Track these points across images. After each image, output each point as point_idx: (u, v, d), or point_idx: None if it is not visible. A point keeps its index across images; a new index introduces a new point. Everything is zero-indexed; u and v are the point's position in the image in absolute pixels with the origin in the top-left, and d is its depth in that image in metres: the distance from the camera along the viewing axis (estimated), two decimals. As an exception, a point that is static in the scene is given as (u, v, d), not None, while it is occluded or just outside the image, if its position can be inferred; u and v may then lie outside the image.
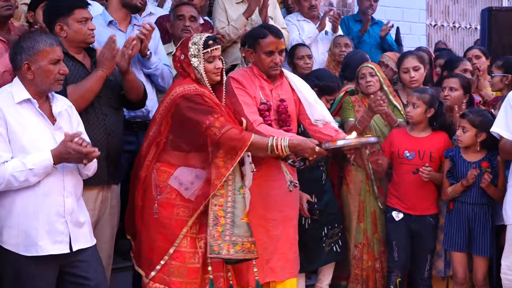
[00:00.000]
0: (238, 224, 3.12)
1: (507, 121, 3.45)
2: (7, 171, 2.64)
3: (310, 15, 5.35)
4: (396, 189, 4.01)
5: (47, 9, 3.44)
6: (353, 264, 4.22)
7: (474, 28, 8.21)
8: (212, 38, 3.29)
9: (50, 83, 2.79)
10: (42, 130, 2.79)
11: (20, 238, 2.73)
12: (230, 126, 3.05)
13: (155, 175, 3.20)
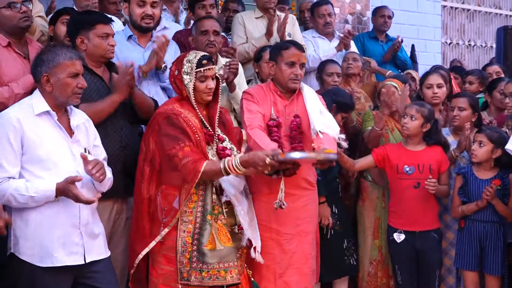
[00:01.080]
0: (203, 251, 3.10)
1: None
2: (9, 189, 2.65)
3: (324, 32, 5.37)
4: (396, 206, 3.98)
5: (71, 21, 3.51)
6: (368, 281, 4.21)
7: (489, 46, 8.19)
8: (207, 57, 3.24)
9: (68, 96, 2.82)
10: (60, 142, 2.81)
11: (36, 250, 2.74)
12: (189, 158, 3.03)
13: (159, 198, 3.19)
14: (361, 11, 6.94)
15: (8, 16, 3.44)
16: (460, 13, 8.19)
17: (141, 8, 3.83)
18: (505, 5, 8.62)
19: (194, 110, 3.22)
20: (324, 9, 5.38)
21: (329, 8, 5.40)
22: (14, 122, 2.71)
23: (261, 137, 3.33)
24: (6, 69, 3.39)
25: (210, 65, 3.21)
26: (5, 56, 3.43)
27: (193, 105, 3.21)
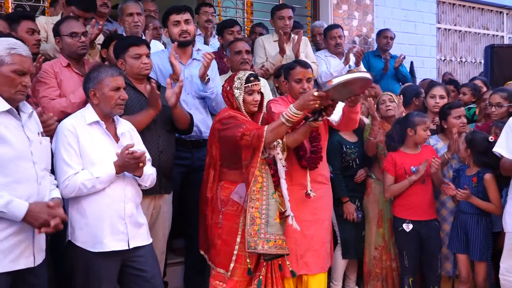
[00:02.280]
0: (272, 223, 3.10)
1: (507, 142, 3.40)
2: (78, 181, 2.70)
3: (335, 52, 5.33)
4: (405, 200, 3.93)
5: (114, 47, 3.54)
6: (374, 264, 4.19)
7: (478, 62, 8.09)
8: (254, 75, 3.32)
9: (111, 107, 2.85)
10: (108, 147, 2.85)
11: (89, 237, 2.78)
12: (253, 130, 3.02)
13: (219, 191, 3.24)
14: (366, 33, 6.89)
15: (69, 43, 3.51)
16: (453, 33, 8.10)
17: (177, 27, 3.84)
18: (492, 26, 8.50)
19: (245, 116, 3.27)
20: (335, 32, 5.34)
21: (339, 31, 5.36)
22: (71, 129, 2.78)
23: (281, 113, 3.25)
24: (66, 85, 3.45)
25: (256, 81, 3.28)
26: (65, 74, 3.49)
27: (244, 113, 3.26)
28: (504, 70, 5.62)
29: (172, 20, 3.85)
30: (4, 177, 2.35)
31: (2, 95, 2.41)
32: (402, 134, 3.95)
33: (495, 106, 4.12)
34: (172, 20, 3.85)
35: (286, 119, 2.98)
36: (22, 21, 3.51)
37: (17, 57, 2.42)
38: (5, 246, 2.36)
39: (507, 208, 3.48)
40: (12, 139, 2.39)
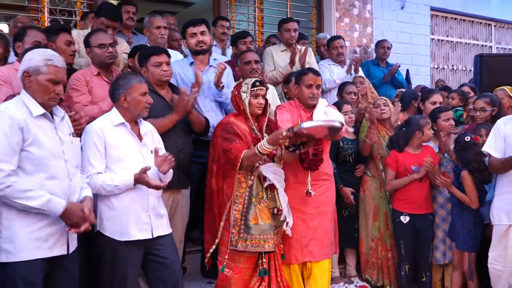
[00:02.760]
0: (250, 225, 3.16)
1: (495, 143, 3.39)
2: (98, 181, 2.72)
3: (337, 60, 5.31)
4: (404, 196, 3.92)
5: (137, 58, 3.56)
6: (370, 254, 4.19)
7: (469, 70, 8.02)
8: (259, 81, 3.35)
9: (140, 110, 2.88)
10: (132, 145, 2.87)
11: (116, 227, 2.80)
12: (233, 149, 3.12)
13: (225, 186, 3.25)
14: (366, 44, 6.86)
15: (98, 53, 3.52)
16: (445, 44, 8.04)
17: (193, 38, 3.88)
18: (481, 37, 8.42)
19: (246, 121, 3.30)
20: (337, 43, 5.32)
21: (341, 42, 5.34)
22: (98, 131, 2.79)
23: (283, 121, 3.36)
24: (97, 91, 3.47)
25: (261, 87, 3.31)
26: (96, 82, 3.50)
27: (247, 116, 3.30)
28: (492, 77, 5.58)
29: (189, 32, 3.89)
30: (39, 173, 2.39)
31: (37, 100, 2.44)
32: (407, 137, 3.93)
33: (479, 110, 4.11)
34: (189, 32, 3.89)
35: (259, 151, 3.05)
36: (60, 33, 3.53)
37: (52, 68, 2.45)
38: (42, 235, 2.40)
39: (494, 202, 3.46)
40: (46, 140, 2.42)
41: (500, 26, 8.62)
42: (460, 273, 3.81)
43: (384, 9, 7.05)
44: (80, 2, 5.23)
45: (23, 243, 2.34)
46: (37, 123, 2.41)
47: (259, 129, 3.37)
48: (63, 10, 5.16)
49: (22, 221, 2.36)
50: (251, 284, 3.26)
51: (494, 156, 3.38)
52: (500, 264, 3.36)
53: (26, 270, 2.34)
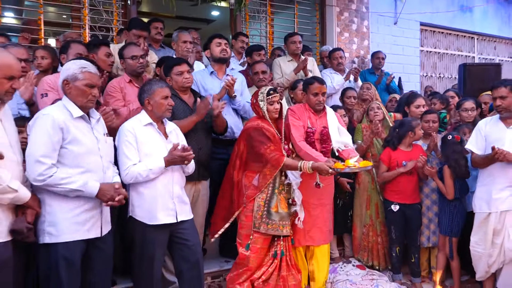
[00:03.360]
0: (271, 212, 3.21)
1: (476, 141, 3.36)
2: (136, 171, 2.72)
3: (337, 69, 5.28)
4: (394, 187, 3.89)
5: (163, 68, 3.55)
6: (362, 239, 4.14)
7: (454, 77, 7.91)
8: (273, 89, 3.35)
9: (162, 111, 2.87)
10: (159, 143, 2.87)
11: (145, 213, 2.80)
12: (274, 153, 3.16)
13: (244, 178, 3.27)
14: (363, 55, 6.81)
15: (131, 64, 3.53)
16: (433, 55, 7.94)
17: (219, 47, 3.89)
18: (464, 49, 8.30)
19: (270, 124, 3.32)
20: (337, 54, 5.30)
21: (341, 53, 5.31)
22: (130, 129, 2.81)
23: (309, 149, 3.37)
24: (129, 96, 3.46)
25: (275, 94, 3.33)
26: (128, 88, 3.50)
27: (268, 121, 3.32)
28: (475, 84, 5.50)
29: (216, 42, 3.91)
30: (79, 167, 2.41)
31: (77, 104, 2.45)
32: (400, 136, 3.89)
33: (470, 110, 4.08)
34: (216, 42, 3.91)
35: (300, 168, 3.13)
36: (101, 46, 3.54)
37: (87, 74, 2.46)
38: (80, 219, 2.42)
39: (476, 193, 3.43)
40: (84, 138, 2.43)
41: (482, 39, 8.49)
42: (444, 255, 3.76)
43: (379, 24, 6.99)
44: (116, 20, 5.25)
45: (64, 226, 2.37)
46: (76, 124, 2.42)
47: (278, 130, 3.39)
48: (101, 27, 5.19)
49: (63, 208, 2.38)
50: (264, 261, 3.31)
51: (476, 153, 3.34)
52: (480, 247, 3.33)
53: (66, 250, 2.36)
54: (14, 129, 2.34)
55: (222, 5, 6.00)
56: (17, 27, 4.99)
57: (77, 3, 5.10)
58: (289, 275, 3.35)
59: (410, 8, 7.10)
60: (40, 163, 2.28)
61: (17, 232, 2.20)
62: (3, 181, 2.11)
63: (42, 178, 2.28)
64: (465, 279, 3.87)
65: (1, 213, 2.16)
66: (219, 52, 3.88)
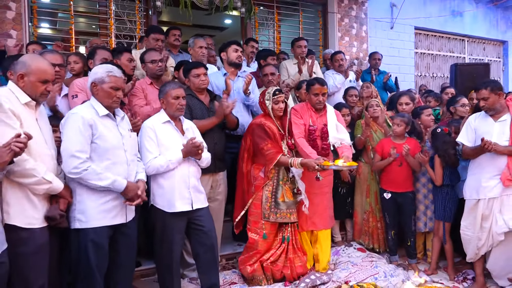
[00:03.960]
0: (278, 202, 3.22)
1: (467, 134, 3.32)
2: (157, 163, 2.72)
3: (339, 70, 5.20)
4: (386, 176, 3.85)
5: (182, 71, 3.53)
6: (363, 224, 4.11)
7: (446, 76, 7.76)
8: (279, 90, 3.33)
9: (173, 111, 2.86)
10: (176, 138, 2.86)
11: (165, 202, 2.80)
12: (271, 150, 3.15)
13: (252, 170, 3.27)
14: (362, 57, 6.72)
15: (151, 67, 3.53)
16: (427, 56, 7.80)
17: (236, 53, 3.87)
18: (456, 50, 8.14)
19: (273, 121, 3.29)
20: (338, 56, 5.21)
21: (341, 56, 5.23)
22: (151, 126, 2.81)
23: (305, 146, 3.34)
24: (150, 96, 3.48)
25: (280, 94, 3.31)
26: (149, 89, 3.52)
27: (272, 118, 3.30)
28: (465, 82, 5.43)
29: (234, 48, 3.88)
30: (105, 161, 2.42)
31: (103, 104, 2.45)
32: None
33: (466, 105, 4.02)
34: (234, 48, 3.88)
35: (290, 164, 3.14)
36: (124, 53, 3.56)
37: (113, 77, 2.46)
38: (106, 207, 2.43)
39: (466, 181, 3.38)
40: (110, 134, 2.44)
41: (472, 41, 8.32)
42: (439, 239, 3.70)
43: (377, 29, 6.89)
44: (139, 28, 5.25)
45: (92, 213, 2.38)
46: (102, 122, 2.42)
47: (282, 127, 3.36)
48: (126, 35, 5.20)
49: (91, 197, 2.39)
50: (273, 246, 3.31)
51: (466, 145, 3.29)
52: (470, 231, 3.29)
53: (94, 234, 2.37)
54: (49, 127, 2.36)
55: (233, 14, 5.96)
56: (51, 37, 5.02)
57: (104, 14, 5.11)
58: (296, 257, 3.35)
59: (405, 13, 6.98)
60: (75, 157, 2.29)
61: (51, 218, 2.22)
62: (39, 173, 2.13)
63: (77, 171, 2.30)
64: (458, 261, 3.81)
65: (38, 202, 2.19)
66: (235, 58, 3.86)
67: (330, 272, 3.51)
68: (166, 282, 2.86)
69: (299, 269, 3.34)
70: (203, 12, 5.59)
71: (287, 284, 3.28)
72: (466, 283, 3.50)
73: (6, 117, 2.03)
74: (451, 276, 3.60)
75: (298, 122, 3.47)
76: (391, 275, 3.49)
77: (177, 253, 2.87)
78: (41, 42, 4.06)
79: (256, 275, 3.26)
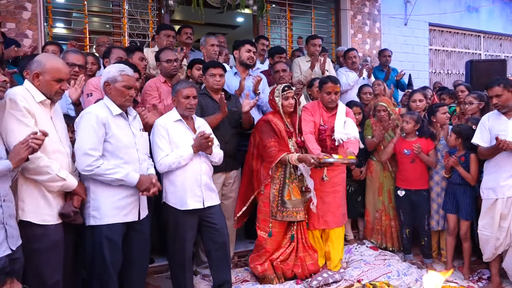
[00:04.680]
0: (284, 200, 3.19)
1: (481, 135, 3.26)
2: (169, 160, 2.73)
3: (352, 68, 5.16)
4: (400, 174, 3.83)
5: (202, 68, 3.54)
6: (375, 223, 4.05)
7: (461, 73, 7.64)
8: (288, 86, 3.29)
9: (183, 109, 2.87)
10: (188, 136, 2.87)
11: (177, 199, 2.81)
12: (273, 148, 3.12)
13: (262, 168, 3.24)
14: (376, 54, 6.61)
15: (165, 67, 3.55)
16: (441, 53, 7.68)
17: (249, 53, 3.83)
18: (471, 46, 7.99)
19: (281, 118, 3.26)
20: (351, 54, 5.17)
21: (354, 53, 5.19)
22: (162, 124, 2.83)
23: (311, 142, 3.31)
24: (164, 95, 3.48)
25: (290, 90, 3.27)
26: (163, 88, 3.53)
27: (282, 115, 3.27)
28: (480, 79, 5.33)
29: (247, 48, 3.85)
30: (118, 159, 2.44)
31: (116, 103, 2.47)
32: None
33: (468, 104, 3.95)
34: (247, 48, 3.85)
35: (288, 160, 3.11)
36: (136, 52, 3.58)
37: (125, 77, 2.47)
38: (121, 204, 2.45)
39: (483, 181, 3.33)
40: (122, 134, 2.46)
41: (488, 37, 8.16)
42: (454, 238, 3.65)
43: (390, 26, 6.80)
44: (151, 27, 5.28)
45: (106, 211, 2.40)
46: (115, 121, 2.44)
47: (291, 124, 3.33)
48: (139, 34, 5.23)
49: (105, 194, 2.42)
50: (282, 244, 3.30)
51: (481, 145, 3.24)
52: (487, 230, 3.23)
53: (109, 231, 2.40)
54: (64, 125, 2.39)
55: (245, 12, 5.95)
56: (66, 36, 5.08)
57: (117, 14, 5.15)
58: (306, 255, 3.33)
59: (419, 10, 6.87)
60: (88, 155, 2.32)
61: (66, 215, 2.25)
62: (53, 171, 2.15)
63: (90, 168, 2.32)
64: (473, 260, 3.75)
65: (52, 199, 2.22)
66: (246, 58, 3.82)
67: (343, 271, 3.48)
68: (179, 279, 2.88)
69: (310, 267, 3.33)
70: (215, 11, 5.59)
71: (299, 282, 3.27)
72: (481, 283, 3.44)
73: (21, 115, 2.06)
74: (466, 276, 3.55)
75: (308, 119, 3.44)
76: (404, 274, 3.45)
77: (189, 250, 2.88)
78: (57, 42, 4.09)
79: (267, 274, 3.26)
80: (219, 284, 2.98)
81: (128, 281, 2.58)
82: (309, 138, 3.33)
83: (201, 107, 3.26)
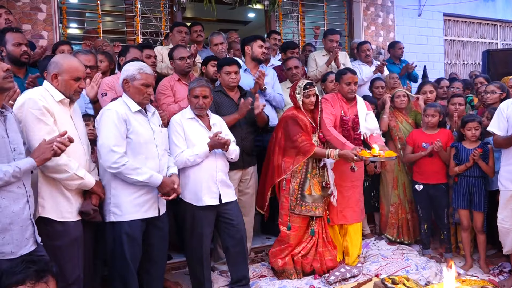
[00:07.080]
0: (303, 195, 3.19)
1: (498, 123, 3.17)
2: (184, 156, 2.76)
3: (365, 61, 5.11)
4: (418, 168, 3.77)
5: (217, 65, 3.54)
6: (390, 217, 4.01)
7: (477, 64, 7.49)
8: (310, 83, 3.27)
9: (193, 108, 2.90)
10: (202, 134, 2.90)
11: (192, 195, 2.85)
12: (305, 142, 3.11)
13: (284, 163, 3.24)
14: (389, 47, 6.54)
15: (179, 64, 3.55)
16: (457, 43, 7.54)
17: (261, 49, 3.81)
18: (488, 36, 7.83)
19: (304, 114, 3.25)
20: (365, 47, 5.10)
21: (368, 46, 5.12)
22: (178, 121, 2.87)
23: (338, 134, 3.30)
24: (178, 93, 3.50)
25: (311, 88, 3.24)
26: (177, 86, 3.54)
27: (303, 111, 3.26)
28: (497, 68, 5.24)
29: (259, 43, 3.81)
30: (139, 155, 2.47)
31: (135, 100, 2.50)
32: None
33: (490, 93, 3.83)
34: (259, 43, 3.81)
35: (328, 155, 3.10)
36: (144, 49, 3.60)
37: (144, 75, 2.50)
38: (141, 201, 2.49)
39: (501, 172, 3.25)
40: (142, 129, 2.49)
41: (505, 26, 7.98)
42: (469, 233, 3.60)
43: (404, 17, 6.70)
44: (164, 25, 5.31)
45: (126, 207, 2.44)
46: (135, 117, 2.48)
47: (313, 120, 3.33)
48: (151, 32, 5.26)
49: (126, 191, 2.46)
50: (304, 239, 3.32)
51: (498, 134, 3.17)
52: (507, 223, 3.18)
53: (129, 227, 2.44)
54: (82, 124, 2.43)
55: (257, 7, 5.93)
56: (79, 36, 5.14)
57: (130, 13, 5.19)
58: (325, 250, 3.34)
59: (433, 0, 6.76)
60: (114, 152, 2.36)
61: (85, 213, 2.29)
62: (71, 169, 2.19)
63: (116, 166, 2.36)
64: (493, 253, 3.70)
65: (72, 197, 2.26)
66: (260, 54, 3.79)
67: (360, 265, 3.47)
68: (197, 275, 2.91)
69: (329, 263, 3.33)
70: (226, 7, 5.58)
71: (316, 277, 3.27)
72: (503, 276, 3.39)
73: (41, 114, 2.10)
74: (484, 269, 3.49)
75: (329, 111, 3.43)
76: (423, 268, 3.43)
77: (207, 246, 2.91)
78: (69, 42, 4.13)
79: (287, 268, 3.27)
80: (236, 280, 3.01)
81: (148, 277, 2.62)
82: (334, 131, 3.31)
83: (216, 104, 3.28)
